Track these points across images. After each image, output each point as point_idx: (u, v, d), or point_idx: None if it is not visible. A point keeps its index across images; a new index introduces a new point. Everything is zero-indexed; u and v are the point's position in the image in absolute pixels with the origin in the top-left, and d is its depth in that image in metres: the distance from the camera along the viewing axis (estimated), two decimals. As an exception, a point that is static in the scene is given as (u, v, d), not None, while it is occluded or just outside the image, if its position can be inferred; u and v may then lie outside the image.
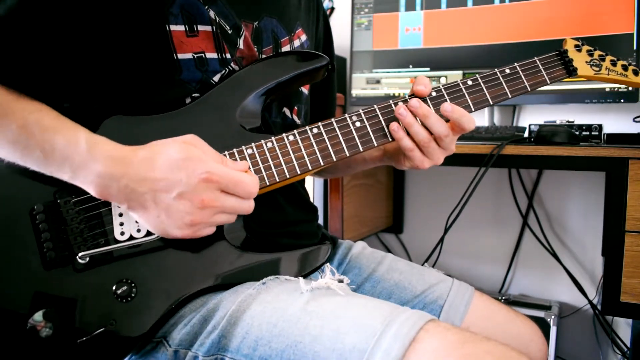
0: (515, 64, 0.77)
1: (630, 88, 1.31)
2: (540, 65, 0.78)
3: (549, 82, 0.78)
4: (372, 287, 0.85)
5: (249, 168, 0.67)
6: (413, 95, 0.74)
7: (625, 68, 0.83)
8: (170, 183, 0.59)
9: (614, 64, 0.82)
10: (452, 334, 0.56)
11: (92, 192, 0.61)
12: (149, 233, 0.65)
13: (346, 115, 0.73)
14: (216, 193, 0.61)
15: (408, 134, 0.72)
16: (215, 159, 0.62)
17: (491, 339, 0.56)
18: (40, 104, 0.64)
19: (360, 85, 1.65)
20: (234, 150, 0.69)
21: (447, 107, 0.72)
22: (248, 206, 0.64)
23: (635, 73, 0.83)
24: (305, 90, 0.88)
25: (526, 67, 0.77)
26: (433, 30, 1.54)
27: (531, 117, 1.61)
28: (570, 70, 0.79)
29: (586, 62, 0.81)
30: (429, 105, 0.73)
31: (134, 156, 0.61)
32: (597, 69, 0.81)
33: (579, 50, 0.81)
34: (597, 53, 0.82)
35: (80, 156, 0.60)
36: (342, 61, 1.72)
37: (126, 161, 0.60)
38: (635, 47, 1.30)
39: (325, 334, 0.57)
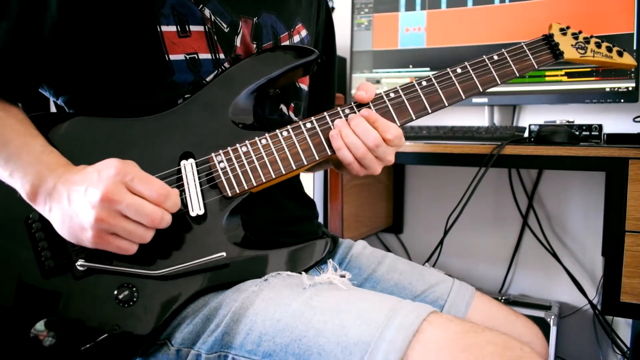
0: (503, 50, 0.78)
1: (629, 88, 1.32)
2: (527, 51, 0.78)
3: (536, 67, 0.78)
4: (372, 287, 0.85)
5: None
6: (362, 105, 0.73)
7: (609, 49, 0.83)
8: (84, 180, 0.59)
9: (598, 45, 0.82)
10: (454, 325, 0.56)
11: (24, 192, 0.61)
12: None
13: (339, 108, 0.73)
14: (121, 188, 0.58)
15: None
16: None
17: (493, 329, 0.57)
18: (10, 106, 0.66)
19: (360, 85, 1.65)
20: (229, 148, 0.69)
21: (364, 111, 0.71)
22: (151, 209, 0.59)
23: (620, 54, 0.83)
24: (304, 86, 0.87)
25: (514, 52, 0.78)
26: (433, 30, 1.54)
27: (531, 117, 1.61)
28: (557, 54, 0.79)
29: (572, 45, 0.81)
30: (390, 112, 0.73)
31: (73, 167, 0.62)
32: (583, 51, 0.81)
33: (564, 34, 0.81)
34: (581, 36, 0.82)
35: (30, 157, 0.62)
36: (342, 61, 1.72)
37: (65, 168, 0.61)
38: (635, 47, 1.30)
39: (329, 328, 0.57)
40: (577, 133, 1.31)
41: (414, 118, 0.74)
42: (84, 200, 0.58)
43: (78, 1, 0.65)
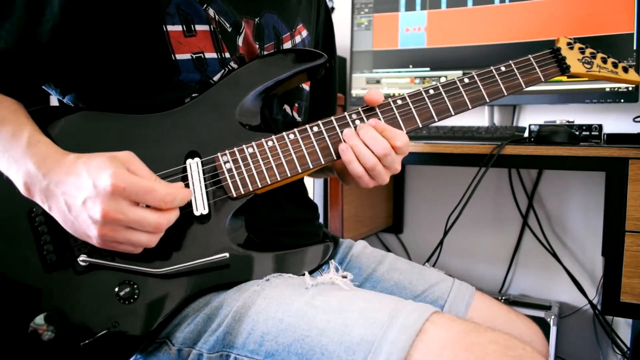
0: (510, 61, 0.78)
1: (629, 88, 1.32)
2: (534, 64, 0.79)
3: (543, 80, 0.79)
4: (373, 287, 0.85)
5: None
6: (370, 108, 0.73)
7: (615, 65, 0.84)
8: (78, 187, 0.57)
9: (604, 61, 0.83)
10: (457, 325, 0.57)
11: (20, 188, 0.61)
12: None
13: (346, 113, 0.73)
14: (121, 204, 0.56)
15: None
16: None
17: (495, 329, 0.57)
18: (4, 97, 0.65)
19: (360, 85, 1.65)
20: (235, 149, 0.69)
21: (372, 120, 0.71)
22: (155, 220, 0.58)
23: (625, 70, 0.84)
24: (305, 86, 0.88)
25: (521, 65, 0.78)
26: (433, 30, 1.55)
27: (531, 117, 1.61)
28: (564, 68, 0.80)
29: (578, 59, 0.82)
30: (397, 119, 0.73)
31: (61, 159, 0.60)
32: (589, 66, 0.82)
33: (571, 48, 0.82)
34: (588, 51, 0.83)
35: (18, 150, 0.61)
36: (342, 61, 1.72)
37: (53, 162, 0.60)
38: (635, 47, 1.30)
39: (332, 327, 0.57)
40: (577, 133, 1.31)
41: (420, 126, 0.74)
42: (83, 213, 0.57)
43: (81, 1, 0.65)
